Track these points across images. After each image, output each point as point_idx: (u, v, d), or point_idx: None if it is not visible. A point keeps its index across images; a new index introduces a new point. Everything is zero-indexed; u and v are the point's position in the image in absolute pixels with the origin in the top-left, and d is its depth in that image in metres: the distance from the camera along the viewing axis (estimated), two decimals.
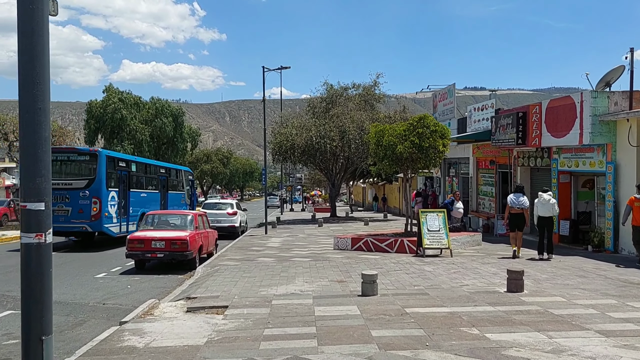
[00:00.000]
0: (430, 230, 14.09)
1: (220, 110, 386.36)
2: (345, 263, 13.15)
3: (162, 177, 25.19)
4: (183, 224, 14.67)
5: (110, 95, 44.79)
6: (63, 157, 19.40)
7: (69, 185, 18.80)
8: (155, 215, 15.23)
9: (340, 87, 34.55)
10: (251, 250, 17.03)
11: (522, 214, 14.43)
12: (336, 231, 24.40)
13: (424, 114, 16.14)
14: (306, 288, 9.87)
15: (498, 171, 21.52)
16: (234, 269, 12.64)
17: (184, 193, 27.99)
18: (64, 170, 19.34)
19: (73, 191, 18.68)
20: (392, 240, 15.35)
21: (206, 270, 13.16)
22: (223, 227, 23.50)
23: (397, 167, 16.06)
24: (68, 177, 19.09)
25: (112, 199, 19.55)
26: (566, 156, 16.24)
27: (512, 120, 17.77)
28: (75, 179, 19.05)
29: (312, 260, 14.01)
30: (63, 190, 18.65)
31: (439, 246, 14.06)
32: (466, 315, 7.46)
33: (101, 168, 19.05)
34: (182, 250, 13.56)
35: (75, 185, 18.83)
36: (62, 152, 19.84)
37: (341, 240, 16.47)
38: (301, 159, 32.61)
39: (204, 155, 76.14)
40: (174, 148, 48.12)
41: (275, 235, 22.94)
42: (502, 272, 11.36)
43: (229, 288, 10.08)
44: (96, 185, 18.83)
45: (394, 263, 12.99)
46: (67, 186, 18.77)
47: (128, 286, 11.77)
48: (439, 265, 12.57)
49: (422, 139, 15.44)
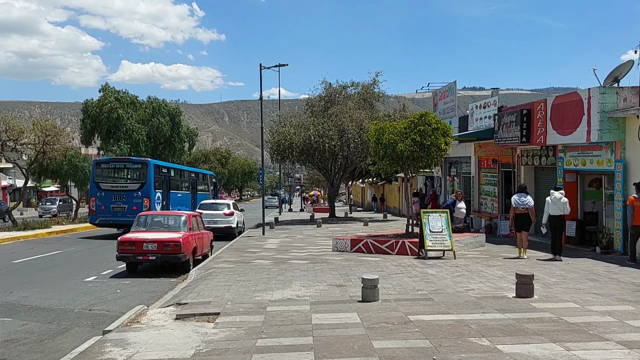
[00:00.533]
0: (432, 231, 13.58)
1: (219, 111, 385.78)
2: (345, 266, 12.64)
3: (192, 180, 30.14)
4: (176, 225, 14.14)
5: (107, 95, 44.18)
6: (120, 166, 24.82)
7: (125, 188, 23.59)
8: (147, 216, 14.70)
9: (339, 85, 34.02)
10: (247, 252, 16.51)
11: (527, 214, 14.10)
12: (335, 232, 23.89)
13: (425, 110, 15.61)
14: (303, 293, 9.35)
15: (501, 170, 21.01)
16: (228, 272, 12.12)
17: (209, 193, 33.06)
18: (121, 175, 24.41)
19: (128, 192, 23.37)
20: (392, 241, 14.84)
21: (200, 273, 12.65)
22: (219, 228, 22.95)
23: (398, 166, 15.55)
24: (125, 182, 24.07)
25: (158, 199, 23.98)
26: (572, 154, 15.73)
27: (515, 118, 17.26)
28: (130, 182, 23.94)
29: (310, 262, 13.50)
30: (121, 192, 23.41)
31: (441, 248, 13.55)
32: (475, 324, 6.95)
33: (150, 174, 23.62)
34: (175, 252, 13.04)
35: (130, 187, 23.61)
36: (120, 161, 25.82)
37: (340, 241, 15.96)
38: (299, 158, 32.05)
39: (202, 155, 75.67)
40: (171, 148, 47.54)
41: (272, 236, 22.42)
42: (509, 275, 10.86)
43: (222, 293, 9.56)
44: (146, 188, 23.39)
45: (395, 266, 12.47)
46: (124, 188, 23.57)
47: (117, 290, 11.25)
48: (442, 268, 12.06)
49: (424, 137, 14.94)
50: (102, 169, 24.37)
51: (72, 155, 33.67)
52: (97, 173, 24.12)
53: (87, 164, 34.40)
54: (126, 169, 24.81)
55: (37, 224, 27.88)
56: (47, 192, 62.58)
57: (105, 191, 23.55)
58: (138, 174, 24.08)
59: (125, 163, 25.22)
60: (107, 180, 24.05)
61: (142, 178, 23.68)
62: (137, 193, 23.26)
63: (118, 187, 23.60)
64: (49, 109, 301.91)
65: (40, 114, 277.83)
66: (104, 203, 23.30)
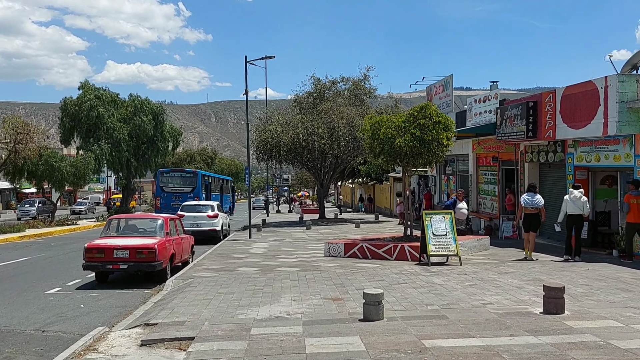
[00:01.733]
0: (435, 234, 12.28)
1: (206, 111, 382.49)
2: (340, 274, 11.31)
3: (221, 184, 39.30)
4: (152, 230, 12.74)
5: (86, 92, 42.35)
6: (177, 175, 33.93)
7: (182, 190, 31.84)
8: (120, 220, 13.29)
9: (328, 81, 32.62)
10: (232, 257, 15.14)
11: (537, 214, 13.12)
12: (326, 234, 22.57)
13: (426, 102, 14.29)
14: (294, 309, 8.02)
15: (501, 168, 19.81)
16: (209, 282, 10.75)
17: (230, 195, 42.07)
18: (178, 182, 32.90)
19: (184, 193, 31.28)
20: (390, 246, 13.54)
21: (178, 283, 11.27)
22: (203, 231, 21.55)
23: (396, 164, 14.26)
24: (181, 186, 32.38)
25: (203, 199, 31.02)
26: (584, 150, 14.52)
27: (521, 111, 16.04)
28: (184, 186, 32.26)
29: (301, 270, 12.16)
30: (178, 193, 31.54)
31: (446, 253, 12.26)
32: (507, 352, 5.65)
33: (199, 180, 32.52)
34: (150, 260, 11.64)
35: (185, 190, 31.81)
36: (177, 171, 35.35)
37: (333, 246, 14.62)
38: (287, 157, 30.64)
39: (188, 155, 73.90)
40: (155, 147, 45.80)
41: (260, 239, 21.04)
42: (527, 284, 9.61)
43: (200, 309, 8.20)
44: (197, 190, 31.76)
45: (396, 274, 11.16)
46: (180, 191, 31.82)
47: (81, 305, 9.84)
48: (449, 275, 10.77)
49: (424, 131, 13.66)
50: (164, 176, 33.19)
51: (48, 155, 32.06)
52: (161, 180, 32.84)
53: (64, 164, 32.83)
54: (182, 177, 33.49)
55: (9, 227, 26.23)
56: (28, 194, 60.62)
57: (167, 193, 32.01)
58: (190, 180, 32.81)
59: (181, 173, 34.55)
60: (168, 185, 32.66)
61: (193, 183, 32.45)
62: (190, 194, 31.06)
63: (176, 190, 32.12)
64: (34, 109, 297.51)
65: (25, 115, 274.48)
66: (166, 201, 30.53)
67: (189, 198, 29.43)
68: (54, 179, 32.66)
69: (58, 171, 32.16)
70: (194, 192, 31.74)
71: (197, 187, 32.16)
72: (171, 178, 33.34)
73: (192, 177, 33.11)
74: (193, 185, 32.44)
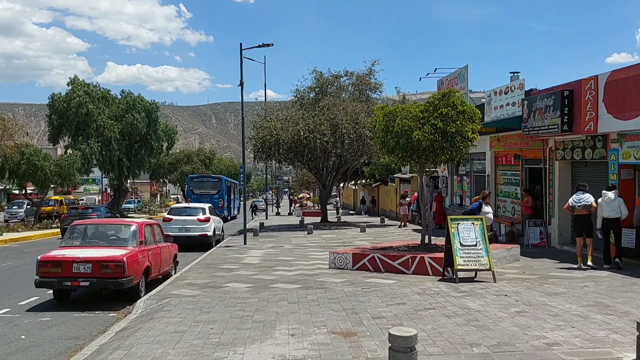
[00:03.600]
0: (464, 244, 10.18)
1: (207, 113, 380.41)
2: (350, 294, 9.22)
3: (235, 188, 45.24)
4: (122, 238, 10.64)
5: (75, 88, 40.15)
6: (205, 179, 40.52)
7: (209, 193, 37.83)
8: (86, 226, 11.17)
9: (331, 75, 30.39)
10: (221, 269, 13.04)
11: (589, 215, 11.52)
12: (329, 240, 20.48)
13: (449, 89, 12.17)
14: (292, 351, 5.94)
15: (525, 167, 17.71)
16: (188, 305, 8.67)
17: (237, 197, 46.20)
18: (205, 185, 39.02)
19: (210, 195, 37.35)
20: (408, 257, 11.43)
21: (150, 304, 9.21)
22: (193, 237, 19.51)
23: (413, 160, 12.17)
24: (208, 189, 38.45)
25: (226, 200, 38.64)
26: (633, 144, 12.41)
27: (554, 101, 13.94)
28: (211, 189, 38.59)
29: (301, 287, 10.07)
30: (206, 195, 36.77)
31: (477, 267, 10.15)
32: None
33: (223, 184, 39.21)
34: (117, 275, 9.55)
35: (212, 192, 38.12)
36: (205, 177, 42.12)
37: (339, 256, 12.53)
38: (287, 157, 28.37)
39: (185, 155, 71.57)
40: (148, 147, 43.58)
41: (255, 246, 18.95)
42: (589, 312, 7.53)
43: (166, 350, 6.13)
44: (221, 193, 38.66)
45: (418, 294, 9.07)
46: (207, 193, 37.60)
47: (22, 336, 7.76)
48: (486, 297, 8.67)
49: (447, 123, 11.58)
50: (193, 181, 40.01)
51: (30, 153, 30.00)
52: (191, 184, 39.52)
53: (48, 163, 30.78)
54: (209, 181, 40.07)
55: None
56: (19, 195, 58.55)
57: (196, 195, 37.44)
58: (216, 185, 39.33)
59: (208, 178, 41.59)
60: (197, 188, 38.87)
61: (218, 187, 39.10)
62: (216, 196, 37.93)
63: (204, 192, 37.88)
64: (33, 110, 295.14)
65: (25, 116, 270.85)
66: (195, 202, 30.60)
67: (215, 199, 36.98)
68: (36, 179, 30.62)
69: (41, 170, 30.13)
70: (219, 193, 38.63)
71: (221, 190, 38.89)
72: (199, 182, 39.99)
73: (217, 181, 40.05)
74: (218, 188, 38.99)
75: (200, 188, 38.84)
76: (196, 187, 39.05)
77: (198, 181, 40.28)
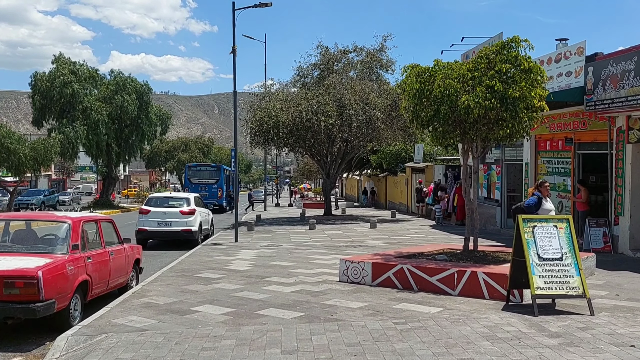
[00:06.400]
0: (543, 258, 6.93)
1: (210, 103, 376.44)
2: (377, 334, 6.01)
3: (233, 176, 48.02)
4: (47, 241, 7.45)
5: (60, 67, 36.81)
6: (204, 168, 39.35)
7: (207, 182, 36.86)
8: (6, 222, 7.98)
9: (338, 50, 27.00)
10: (198, 278, 9.85)
11: None
12: (335, 238, 17.28)
13: (513, 36, 8.85)
14: None
15: (577, 154, 14.47)
16: (126, 352, 5.49)
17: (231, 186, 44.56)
18: (203, 175, 37.76)
19: (209, 185, 36.67)
20: (453, 271, 8.19)
21: (77, 342, 6.06)
22: (174, 232, 16.39)
23: (457, 136, 8.96)
24: (206, 178, 37.30)
25: (224, 189, 37.08)
26: None
27: (636, 64, 10.71)
28: (209, 179, 37.31)
29: (303, 318, 6.87)
30: (204, 184, 36.31)
31: (564, 292, 6.90)
32: None
33: (221, 174, 37.94)
34: (28, 298, 6.38)
35: (210, 182, 37.03)
36: (203, 165, 41.55)
37: (354, 266, 9.31)
38: (287, 141, 25.09)
39: (182, 143, 68.37)
40: (139, 131, 40.20)
41: (248, 244, 15.77)
42: None
43: None
44: (220, 182, 37.28)
45: (487, 338, 5.85)
46: (205, 182, 36.78)
47: None
48: (603, 349, 5.44)
49: (507, 84, 8.35)
50: (191, 170, 38.62)
51: (2, 135, 26.83)
52: (189, 173, 38.18)
53: (22, 147, 27.65)
54: (207, 170, 38.71)
55: None
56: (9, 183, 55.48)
57: (194, 184, 36.09)
58: (214, 173, 37.96)
59: (207, 166, 40.23)
60: (195, 177, 37.53)
61: (217, 176, 37.62)
62: (214, 185, 36.86)
63: (202, 182, 36.75)
64: None
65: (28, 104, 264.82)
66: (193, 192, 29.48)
67: (214, 189, 36.41)
68: (9, 164, 27.47)
69: (14, 154, 26.95)
70: (218, 183, 37.14)
71: (220, 179, 37.41)
72: (197, 171, 38.53)
73: (215, 170, 38.69)
74: (217, 177, 37.58)
75: (199, 177, 37.73)
76: (194, 176, 37.85)
77: (196, 170, 38.95)
